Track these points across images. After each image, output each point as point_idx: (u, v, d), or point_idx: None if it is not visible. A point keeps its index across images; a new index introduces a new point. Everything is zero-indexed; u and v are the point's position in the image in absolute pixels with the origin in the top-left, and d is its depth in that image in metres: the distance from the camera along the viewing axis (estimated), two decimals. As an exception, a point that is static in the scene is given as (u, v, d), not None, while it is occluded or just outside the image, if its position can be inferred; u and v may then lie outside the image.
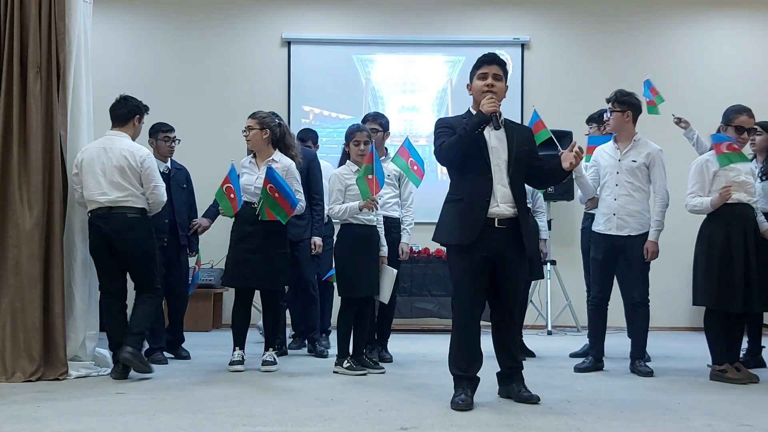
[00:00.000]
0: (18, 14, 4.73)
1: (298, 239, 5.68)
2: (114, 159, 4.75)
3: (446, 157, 3.99)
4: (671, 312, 7.67)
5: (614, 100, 5.11)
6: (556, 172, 3.99)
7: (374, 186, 4.84)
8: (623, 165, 5.08)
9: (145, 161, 4.81)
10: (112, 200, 4.71)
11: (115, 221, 4.70)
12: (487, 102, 3.84)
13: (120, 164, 4.74)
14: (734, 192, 4.76)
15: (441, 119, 4.20)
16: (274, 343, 5.14)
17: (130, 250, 4.75)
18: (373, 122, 5.56)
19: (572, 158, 3.83)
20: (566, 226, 7.70)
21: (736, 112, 4.89)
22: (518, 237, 3.90)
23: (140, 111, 4.97)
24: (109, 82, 7.79)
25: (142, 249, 4.78)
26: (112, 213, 4.71)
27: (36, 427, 3.35)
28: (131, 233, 4.73)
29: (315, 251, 5.76)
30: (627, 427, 3.45)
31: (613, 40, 8.53)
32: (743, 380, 4.66)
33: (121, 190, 4.73)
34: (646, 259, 5.01)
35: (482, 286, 3.91)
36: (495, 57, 4.01)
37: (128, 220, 4.72)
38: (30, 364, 4.50)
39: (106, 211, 4.71)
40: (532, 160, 4.02)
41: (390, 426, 3.41)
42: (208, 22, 8.51)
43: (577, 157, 3.83)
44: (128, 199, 4.74)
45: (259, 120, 5.11)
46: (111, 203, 4.71)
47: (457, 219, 3.91)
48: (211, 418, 3.53)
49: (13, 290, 4.58)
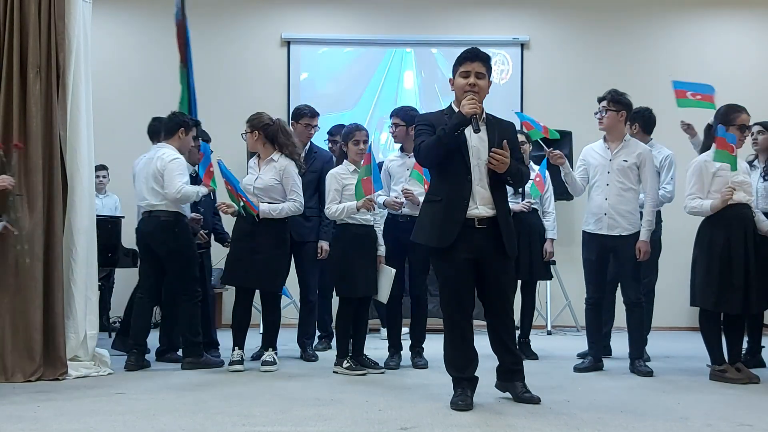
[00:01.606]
0: (18, 14, 4.73)
1: (303, 240, 5.60)
2: (152, 167, 5.13)
3: (425, 158, 3.95)
4: (671, 312, 7.66)
5: (609, 99, 5.10)
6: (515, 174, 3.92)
7: (369, 187, 4.84)
8: (614, 165, 5.08)
9: (167, 165, 5.06)
10: (149, 205, 5.14)
11: (151, 224, 5.12)
12: (467, 103, 3.77)
13: (154, 172, 5.10)
14: (734, 193, 4.76)
15: (421, 116, 4.14)
16: (273, 344, 5.13)
17: (162, 252, 5.11)
18: (395, 116, 5.44)
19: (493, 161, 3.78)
20: (566, 226, 7.69)
21: (737, 111, 4.89)
22: (500, 236, 3.86)
23: (185, 124, 5.32)
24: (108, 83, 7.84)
25: (171, 251, 5.09)
26: (150, 216, 5.13)
27: (36, 427, 3.35)
28: (162, 235, 5.08)
29: (321, 256, 5.62)
30: (627, 427, 3.45)
31: (613, 40, 8.52)
32: (743, 380, 4.66)
33: (156, 195, 5.11)
34: (638, 258, 5.02)
35: (468, 287, 3.87)
36: (478, 53, 3.92)
37: (161, 223, 5.08)
38: (30, 364, 4.49)
39: (146, 215, 5.16)
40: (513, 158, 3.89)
41: (390, 426, 3.41)
42: (208, 22, 8.48)
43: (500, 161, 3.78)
44: (162, 203, 5.09)
45: (249, 123, 5.17)
46: (150, 208, 5.14)
47: (435, 220, 3.87)
48: (211, 418, 3.54)
49: (13, 290, 4.58)
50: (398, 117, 5.42)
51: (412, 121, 5.28)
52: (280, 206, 5.03)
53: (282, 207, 5.03)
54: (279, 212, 5.02)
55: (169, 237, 5.09)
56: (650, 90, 6.14)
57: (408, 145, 5.37)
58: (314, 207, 5.61)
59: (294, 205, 5.06)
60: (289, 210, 5.06)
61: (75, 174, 4.87)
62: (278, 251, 5.06)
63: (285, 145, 5.12)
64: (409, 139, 5.34)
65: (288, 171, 5.07)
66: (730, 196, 4.71)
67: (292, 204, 5.06)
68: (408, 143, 5.37)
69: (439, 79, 8.37)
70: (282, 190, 5.07)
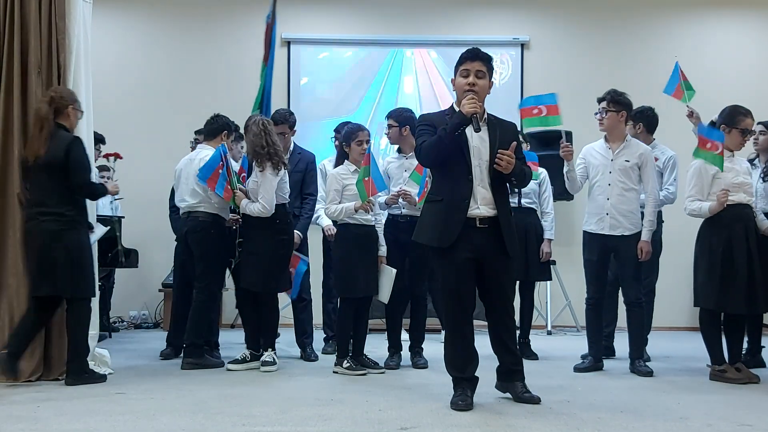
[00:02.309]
0: (18, 14, 4.73)
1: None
2: (193, 168, 5.27)
3: (426, 158, 3.96)
4: (671, 312, 7.66)
5: (609, 100, 5.10)
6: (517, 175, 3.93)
7: (371, 188, 4.84)
8: (616, 165, 5.08)
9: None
10: (189, 206, 5.30)
11: (190, 224, 5.27)
12: (467, 103, 3.78)
13: (194, 173, 5.23)
14: (733, 194, 4.76)
15: (422, 116, 4.15)
16: (273, 344, 5.13)
17: (196, 251, 5.24)
18: (389, 118, 5.45)
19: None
20: (566, 226, 7.69)
21: (742, 115, 4.88)
22: (501, 236, 3.86)
23: (228, 128, 5.49)
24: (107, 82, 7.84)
25: (205, 251, 5.21)
26: (190, 216, 5.28)
27: (36, 427, 3.36)
28: (199, 235, 5.22)
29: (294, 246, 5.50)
30: (627, 427, 3.45)
31: (613, 40, 8.52)
32: (743, 380, 4.66)
33: (195, 196, 5.28)
34: (640, 258, 5.02)
35: (469, 287, 3.87)
36: (478, 53, 3.92)
37: (199, 223, 5.24)
38: (30, 364, 4.49)
39: (186, 215, 5.31)
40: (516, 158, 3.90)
41: (390, 426, 3.41)
42: (208, 22, 8.51)
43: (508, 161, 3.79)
44: (201, 205, 5.26)
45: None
46: (189, 208, 5.29)
47: (436, 220, 3.87)
48: (211, 418, 3.54)
49: (13, 290, 4.58)
50: (392, 118, 5.46)
51: (405, 122, 5.37)
52: (252, 205, 5.01)
53: (252, 207, 5.00)
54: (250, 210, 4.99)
55: (205, 237, 5.22)
56: (650, 90, 6.12)
57: (404, 146, 5.40)
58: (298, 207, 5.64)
59: (257, 206, 4.98)
60: (255, 211, 4.98)
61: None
62: (274, 252, 5.04)
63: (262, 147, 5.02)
64: (403, 140, 5.40)
65: (261, 172, 5.01)
66: (726, 198, 4.71)
67: (257, 205, 4.98)
68: (402, 144, 5.42)
69: (438, 83, 8.39)
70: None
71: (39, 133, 4.37)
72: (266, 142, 5.02)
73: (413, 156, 5.36)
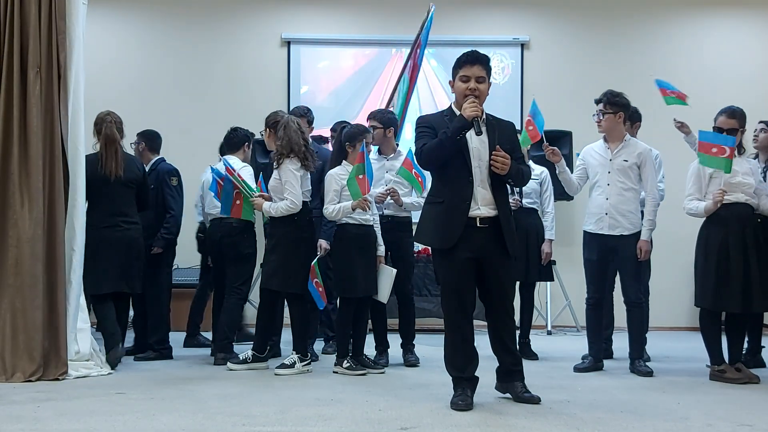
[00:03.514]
0: (18, 14, 4.73)
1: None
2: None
3: (427, 161, 3.97)
4: (671, 312, 7.66)
5: (606, 102, 5.10)
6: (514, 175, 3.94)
7: (365, 186, 4.83)
8: (615, 165, 5.09)
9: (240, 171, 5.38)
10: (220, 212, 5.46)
11: (223, 230, 5.44)
12: (468, 106, 3.79)
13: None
14: (730, 194, 4.76)
15: (421, 117, 4.14)
16: (300, 349, 4.96)
17: (229, 254, 5.43)
18: (372, 119, 5.48)
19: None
20: (566, 226, 7.69)
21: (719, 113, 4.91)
22: (502, 236, 3.87)
23: (248, 139, 5.78)
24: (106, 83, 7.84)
25: (237, 255, 5.41)
26: (223, 222, 5.44)
27: (36, 427, 3.36)
28: (232, 239, 5.42)
29: (320, 254, 5.50)
30: (627, 427, 3.45)
31: (613, 40, 8.51)
32: (743, 380, 4.66)
33: None
34: (639, 258, 5.02)
35: (469, 287, 3.88)
36: (477, 56, 3.91)
37: (233, 228, 5.41)
38: (30, 364, 4.49)
39: (218, 221, 5.50)
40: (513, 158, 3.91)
41: (390, 426, 3.41)
42: (208, 22, 8.49)
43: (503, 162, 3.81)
44: None
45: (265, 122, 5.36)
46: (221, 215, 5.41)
47: (437, 221, 3.88)
48: (211, 418, 3.54)
49: (13, 290, 4.58)
50: (375, 119, 5.47)
51: (389, 123, 5.48)
52: (277, 205, 5.00)
53: (279, 206, 4.98)
54: (276, 210, 4.97)
55: (238, 241, 5.41)
56: (650, 90, 6.10)
57: (385, 147, 5.46)
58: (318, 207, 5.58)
59: (285, 204, 4.93)
60: (282, 209, 4.93)
61: (76, 174, 4.86)
62: (294, 250, 4.98)
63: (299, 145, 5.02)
64: (386, 141, 5.48)
65: (284, 168, 4.98)
66: (721, 198, 4.72)
67: (284, 203, 4.94)
68: (384, 145, 5.46)
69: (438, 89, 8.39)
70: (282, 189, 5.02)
71: (114, 155, 5.12)
72: (304, 140, 5.08)
73: (394, 157, 5.45)
